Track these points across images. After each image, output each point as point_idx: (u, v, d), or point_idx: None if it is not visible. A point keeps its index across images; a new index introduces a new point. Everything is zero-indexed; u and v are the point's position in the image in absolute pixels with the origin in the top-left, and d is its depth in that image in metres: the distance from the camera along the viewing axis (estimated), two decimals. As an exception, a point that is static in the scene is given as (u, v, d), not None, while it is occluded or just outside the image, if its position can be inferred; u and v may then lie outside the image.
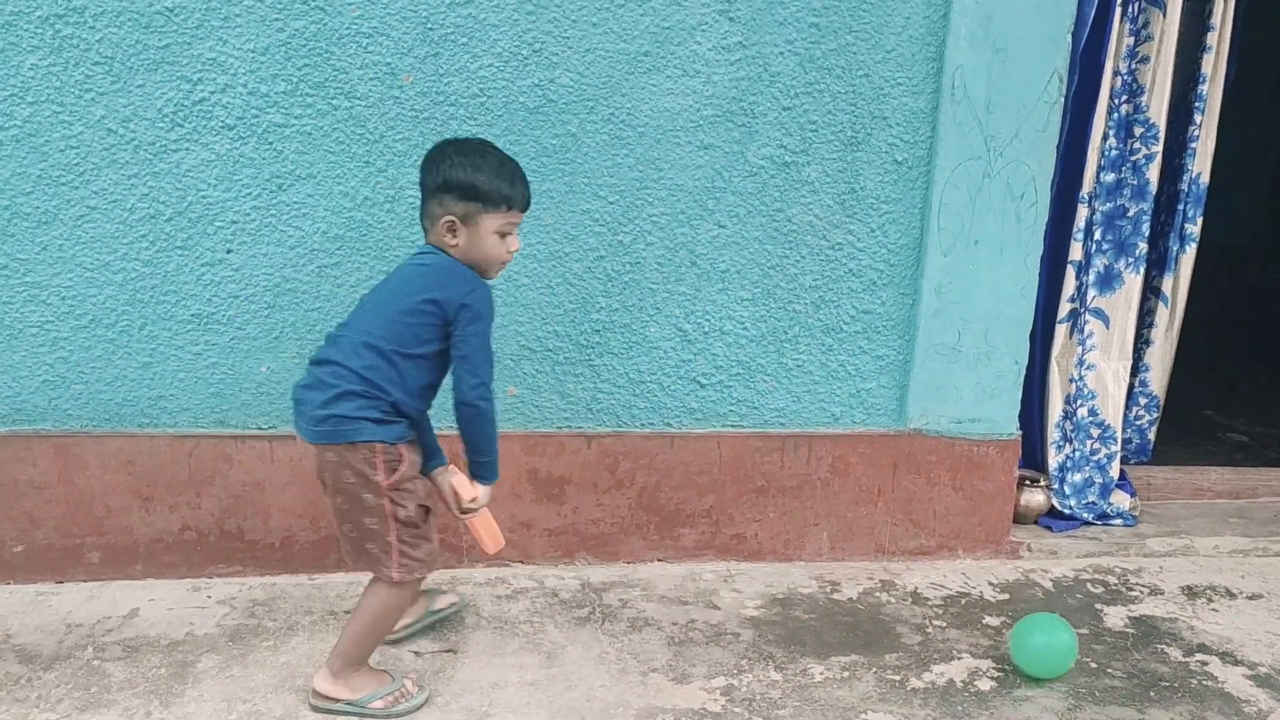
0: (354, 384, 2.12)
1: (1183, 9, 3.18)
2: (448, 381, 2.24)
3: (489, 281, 2.24)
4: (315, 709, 2.28)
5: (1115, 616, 2.90)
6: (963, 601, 2.96)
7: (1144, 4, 3.19)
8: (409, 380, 2.17)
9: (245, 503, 2.83)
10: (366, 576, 2.86)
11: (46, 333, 2.68)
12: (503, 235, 2.21)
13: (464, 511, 2.33)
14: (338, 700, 2.27)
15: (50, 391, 2.72)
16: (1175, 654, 2.71)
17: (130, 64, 2.54)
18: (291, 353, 2.78)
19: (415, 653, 2.53)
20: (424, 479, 2.29)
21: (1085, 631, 2.80)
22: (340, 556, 2.87)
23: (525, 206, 2.25)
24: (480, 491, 2.31)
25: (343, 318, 2.73)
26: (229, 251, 2.70)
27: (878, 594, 2.98)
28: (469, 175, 2.15)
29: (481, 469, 2.29)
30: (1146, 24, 3.20)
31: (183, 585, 2.82)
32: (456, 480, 2.32)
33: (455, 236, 2.19)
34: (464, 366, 2.18)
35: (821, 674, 2.54)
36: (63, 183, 2.59)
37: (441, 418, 2.36)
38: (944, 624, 2.82)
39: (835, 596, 2.96)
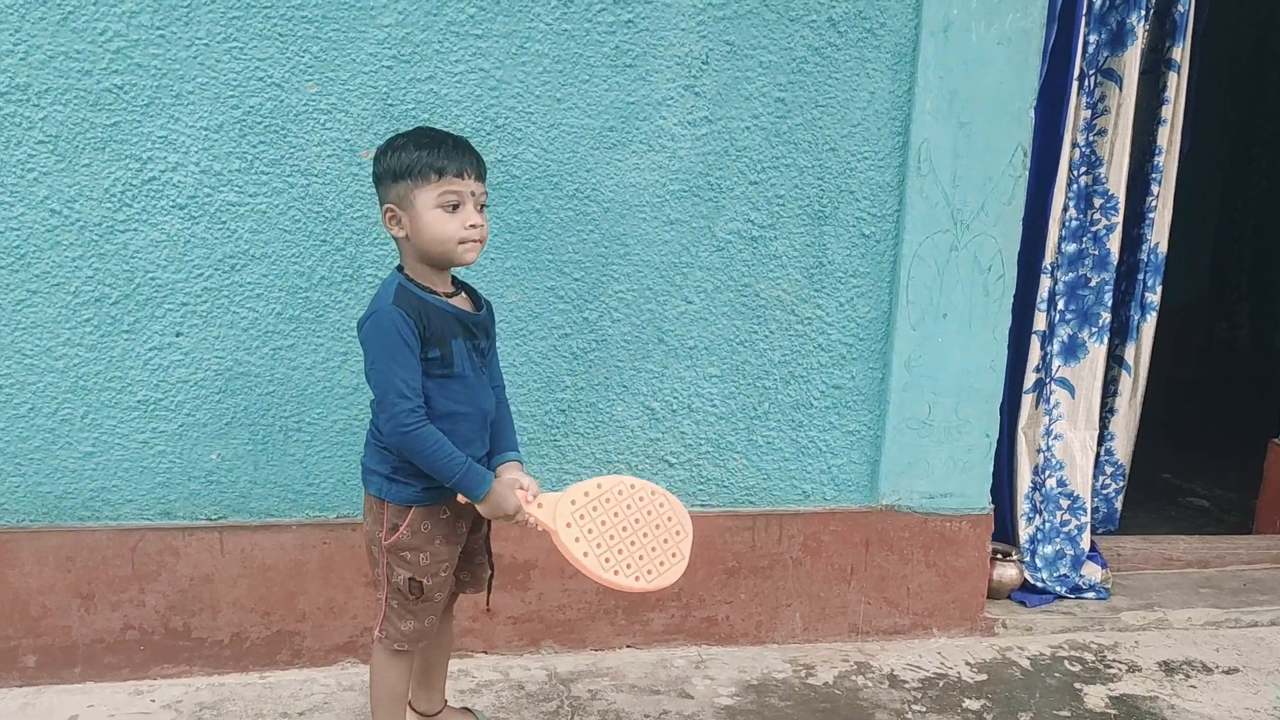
0: (371, 437, 2.12)
1: (1138, 83, 3.22)
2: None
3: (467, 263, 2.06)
4: None
5: (1096, 696, 2.84)
6: (940, 684, 2.88)
7: (1099, 78, 3.22)
8: None
9: (192, 598, 2.68)
10: (322, 674, 2.76)
11: (-19, 422, 2.55)
12: (451, 209, 1.99)
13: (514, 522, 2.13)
14: None
15: (-16, 485, 2.57)
16: (1159, 735, 2.66)
17: (76, 143, 2.44)
18: (243, 439, 2.66)
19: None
20: (429, 553, 2.11)
21: (1067, 713, 2.73)
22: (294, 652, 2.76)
23: (466, 174, 2.00)
24: (476, 506, 2.08)
25: (302, 404, 2.68)
26: (179, 334, 2.59)
27: (854, 677, 2.90)
28: (390, 158, 2.00)
29: (457, 490, 2.06)
30: (1103, 98, 3.23)
31: (124, 689, 2.65)
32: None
33: (399, 226, 2.02)
34: (374, 399, 2.02)
35: (803, 769, 2.44)
36: (1, 266, 2.46)
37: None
38: (923, 709, 2.74)
39: (810, 681, 2.87)
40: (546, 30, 2.63)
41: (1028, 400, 3.34)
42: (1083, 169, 3.27)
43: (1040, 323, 3.28)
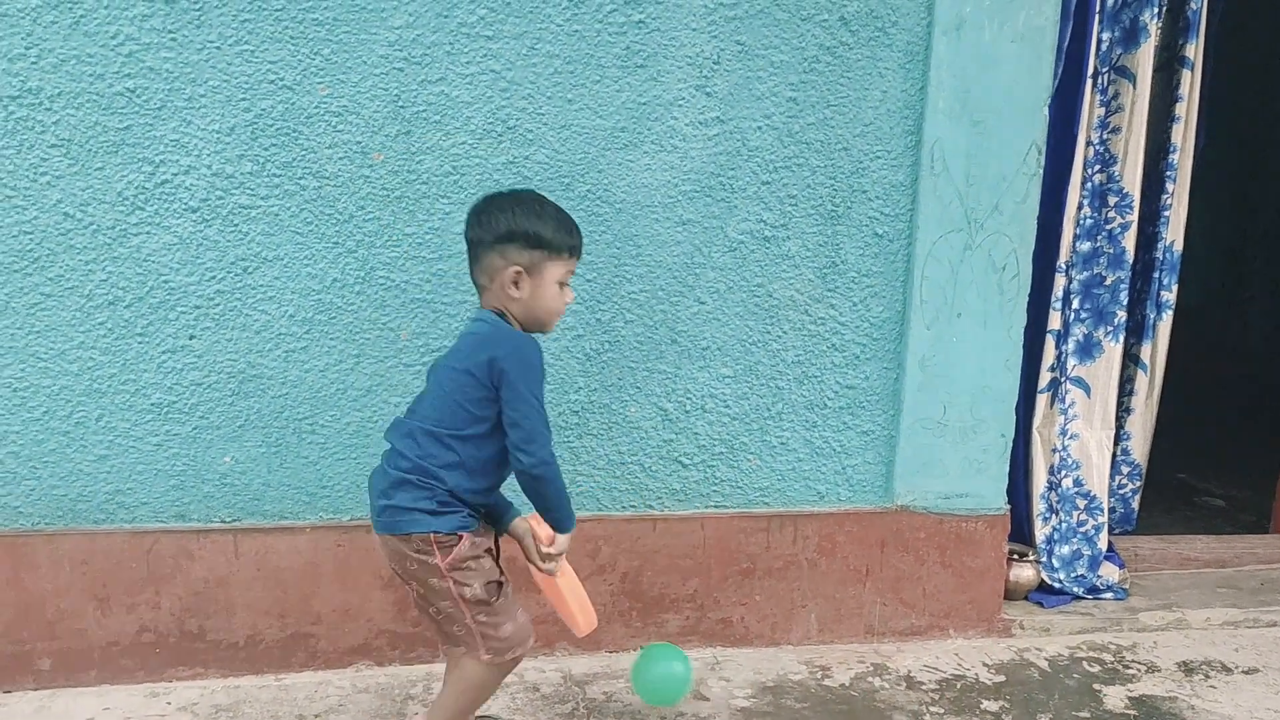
0: (409, 472, 2.05)
1: (1151, 80, 3.20)
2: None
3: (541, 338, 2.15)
4: None
5: (1115, 697, 2.81)
6: (958, 685, 2.86)
7: (1113, 75, 3.21)
8: (469, 462, 2.06)
9: (207, 600, 2.68)
10: (337, 677, 2.75)
11: (-4, 426, 2.55)
12: (561, 285, 2.13)
13: (544, 559, 2.21)
14: None
15: (-1, 488, 2.58)
16: (1179, 736, 2.64)
17: (89, 146, 2.45)
18: (257, 441, 2.66)
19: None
20: (490, 557, 2.15)
21: (1086, 715, 2.71)
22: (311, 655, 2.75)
23: (580, 255, 2.19)
24: (559, 538, 2.20)
25: (315, 406, 2.67)
26: (191, 338, 2.59)
27: (870, 679, 2.88)
28: (534, 223, 2.07)
29: (553, 521, 2.17)
30: (1116, 95, 3.21)
31: (140, 691, 2.65)
32: (534, 520, 2.20)
33: (519, 289, 2.09)
34: (516, 434, 2.04)
35: (820, 771, 2.43)
36: (15, 270, 2.47)
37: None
38: (941, 710, 2.72)
39: (827, 683, 2.85)
40: (557, 31, 2.63)
41: (1043, 400, 3.32)
42: (1097, 167, 3.25)
43: (1055, 322, 3.25)
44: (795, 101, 2.80)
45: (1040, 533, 3.35)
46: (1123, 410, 3.57)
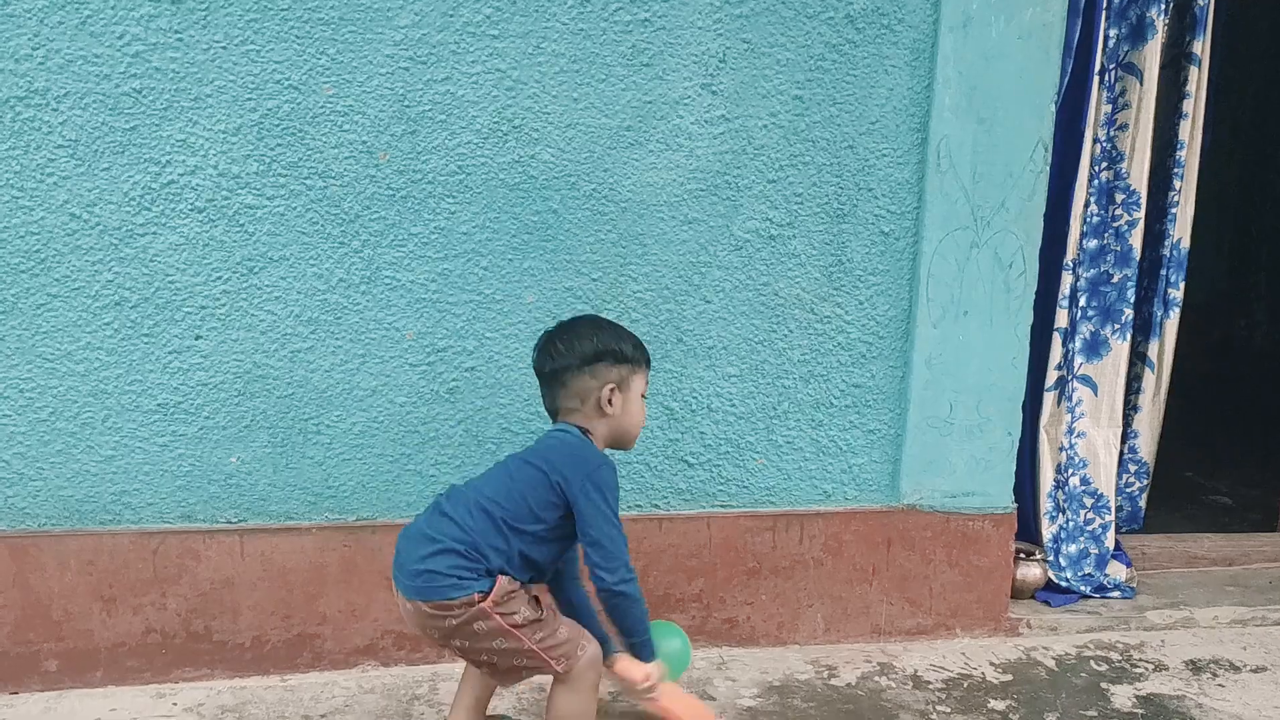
0: (458, 544, 2.05)
1: (1159, 77, 3.19)
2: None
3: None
4: None
5: (1123, 696, 2.81)
6: (965, 684, 2.85)
7: (1120, 72, 3.20)
8: (513, 553, 2.09)
9: (213, 601, 2.68)
10: (343, 677, 2.75)
11: (2, 428, 2.54)
12: (642, 397, 2.27)
13: (645, 693, 2.26)
14: None
15: (5, 490, 2.57)
16: (1188, 736, 2.63)
17: (96, 147, 2.45)
18: (263, 442, 2.66)
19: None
20: (523, 592, 2.14)
21: (1094, 713, 2.71)
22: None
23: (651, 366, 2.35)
24: (650, 669, 2.25)
25: (321, 406, 2.67)
26: (197, 338, 2.59)
27: (877, 678, 2.88)
28: (616, 341, 2.20)
29: (638, 650, 2.22)
30: (1124, 92, 3.20)
31: (146, 692, 2.65)
32: (620, 668, 2.25)
33: (612, 405, 2.20)
34: (598, 553, 2.10)
35: (827, 770, 2.42)
36: (22, 270, 2.47)
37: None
38: (948, 709, 2.71)
39: (833, 682, 2.85)
40: (563, 30, 2.63)
41: (1049, 398, 3.31)
42: (1104, 164, 3.24)
43: (1062, 319, 3.25)
44: (801, 99, 2.79)
45: (1047, 531, 3.34)
46: (1130, 408, 3.56)
